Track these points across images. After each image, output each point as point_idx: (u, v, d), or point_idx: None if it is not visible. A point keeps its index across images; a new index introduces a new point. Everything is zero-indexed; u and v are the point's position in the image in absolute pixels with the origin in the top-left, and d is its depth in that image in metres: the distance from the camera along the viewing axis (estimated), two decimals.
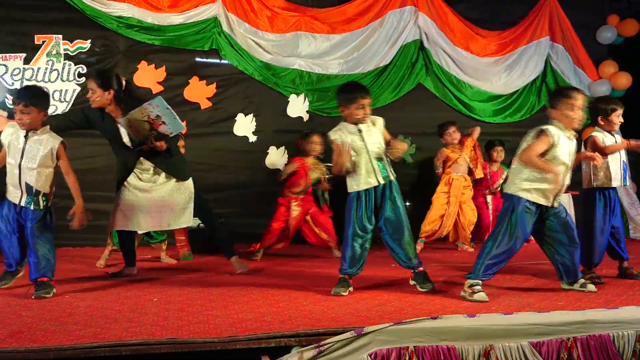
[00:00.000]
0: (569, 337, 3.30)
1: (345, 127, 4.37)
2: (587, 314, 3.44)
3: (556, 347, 3.28)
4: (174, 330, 3.23)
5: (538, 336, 3.27)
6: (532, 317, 3.38)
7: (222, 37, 7.50)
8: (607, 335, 3.33)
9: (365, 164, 4.28)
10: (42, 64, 7.20)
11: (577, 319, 3.37)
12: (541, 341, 3.27)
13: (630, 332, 3.36)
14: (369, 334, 3.11)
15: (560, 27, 8.33)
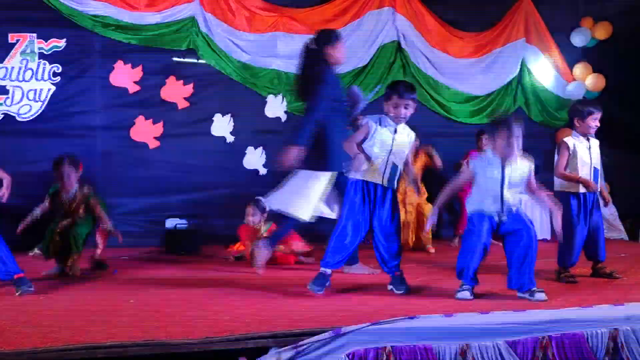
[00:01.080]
0: (544, 335, 3.33)
1: (385, 119, 4.33)
2: (561, 313, 3.48)
3: (531, 346, 3.31)
4: (150, 332, 3.21)
5: (514, 335, 3.30)
6: (508, 316, 3.41)
7: (199, 36, 7.47)
8: (581, 334, 3.37)
9: (381, 163, 4.25)
10: (16, 63, 7.12)
11: (552, 318, 3.41)
12: (517, 340, 3.30)
13: (603, 330, 3.40)
14: (346, 334, 3.12)
15: (535, 29, 8.42)
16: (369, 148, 4.23)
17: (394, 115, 4.29)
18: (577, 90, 8.31)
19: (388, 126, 4.29)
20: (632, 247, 6.96)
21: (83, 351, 2.96)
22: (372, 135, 4.25)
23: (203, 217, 7.31)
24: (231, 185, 7.57)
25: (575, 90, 8.32)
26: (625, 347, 3.41)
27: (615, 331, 3.41)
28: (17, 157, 7.06)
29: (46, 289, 4.52)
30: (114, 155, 7.35)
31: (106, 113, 7.35)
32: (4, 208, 4.82)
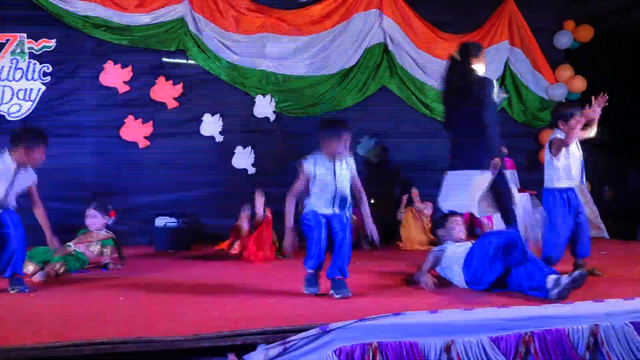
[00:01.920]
0: (527, 331, 3.35)
1: (320, 158, 4.30)
2: (543, 309, 3.49)
3: (514, 342, 3.33)
4: (140, 329, 3.19)
5: (497, 331, 3.32)
6: (492, 312, 3.43)
7: (188, 37, 7.46)
8: (563, 330, 3.39)
9: (329, 195, 4.26)
10: (6, 62, 7.08)
11: (534, 314, 3.43)
12: (500, 336, 3.32)
13: (584, 326, 3.43)
14: (333, 331, 3.12)
15: (519, 32, 8.46)
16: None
17: (341, 152, 4.25)
18: (559, 92, 8.36)
19: (326, 164, 4.28)
20: (612, 245, 7.01)
21: (71, 348, 2.94)
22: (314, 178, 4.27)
23: (192, 215, 7.29)
24: (220, 185, 7.56)
25: (558, 91, 8.36)
26: (605, 343, 3.44)
27: (596, 327, 3.44)
28: None
29: (36, 287, 4.50)
30: (104, 155, 7.32)
31: (96, 113, 7.31)
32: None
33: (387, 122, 8.07)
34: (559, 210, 4.79)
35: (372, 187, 7.73)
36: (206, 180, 7.54)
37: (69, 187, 7.15)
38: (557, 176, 4.81)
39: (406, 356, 3.17)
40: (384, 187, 7.80)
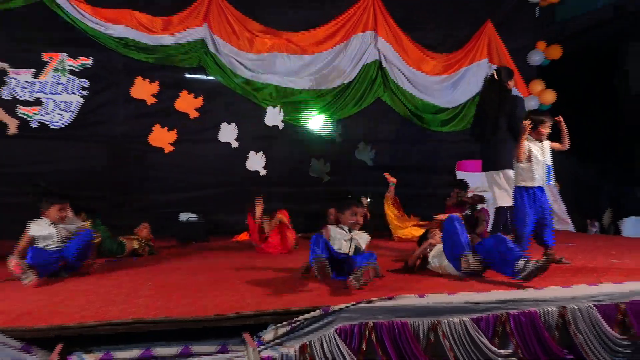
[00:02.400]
0: (503, 313, 3.36)
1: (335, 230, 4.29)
2: (518, 293, 3.50)
3: (492, 322, 3.33)
4: (165, 310, 3.20)
5: (477, 312, 3.33)
6: (473, 296, 3.43)
7: (208, 56, 7.47)
8: (535, 311, 3.40)
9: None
10: (50, 78, 7.09)
11: (509, 298, 3.43)
12: (480, 316, 3.32)
13: (553, 308, 3.44)
14: (334, 312, 3.13)
15: (496, 51, 8.46)
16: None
17: (354, 223, 4.27)
18: (532, 103, 8.36)
19: (342, 234, 4.26)
20: (578, 237, 7.01)
21: (107, 327, 2.96)
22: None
23: (211, 211, 7.31)
24: (235, 185, 7.57)
25: (531, 103, 8.36)
26: (572, 323, 3.44)
27: (564, 309, 3.44)
28: (51, 158, 7.06)
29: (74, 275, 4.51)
30: (134, 159, 7.34)
31: (127, 122, 7.33)
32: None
33: (382, 130, 8.07)
34: (524, 204, 4.85)
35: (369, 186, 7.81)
36: (223, 180, 7.55)
37: (104, 187, 7.18)
38: (522, 177, 4.88)
39: (398, 334, 3.17)
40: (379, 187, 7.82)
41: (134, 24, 7.18)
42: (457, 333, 3.25)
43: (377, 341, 3.14)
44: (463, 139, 8.39)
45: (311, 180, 7.79)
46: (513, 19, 8.59)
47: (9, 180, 6.89)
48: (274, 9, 7.72)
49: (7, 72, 6.99)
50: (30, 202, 6.04)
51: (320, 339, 3.08)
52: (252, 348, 2.94)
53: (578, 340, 3.42)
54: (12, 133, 6.99)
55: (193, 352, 2.97)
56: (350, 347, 3.11)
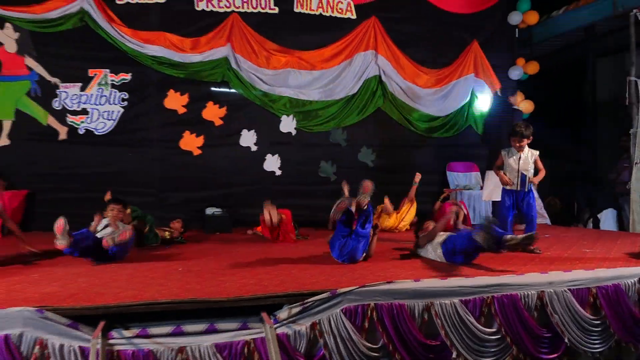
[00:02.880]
0: (489, 295, 3.34)
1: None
2: (501, 279, 3.48)
3: (479, 303, 3.31)
4: (194, 292, 3.20)
5: (466, 295, 3.31)
6: (461, 281, 3.41)
7: (230, 72, 7.45)
8: (516, 295, 3.37)
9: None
10: (94, 91, 7.11)
11: (494, 282, 3.41)
12: (468, 299, 3.30)
13: (532, 292, 3.41)
14: (341, 294, 3.12)
15: (482, 67, 8.39)
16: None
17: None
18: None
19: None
20: (553, 229, 6.94)
21: (143, 306, 2.96)
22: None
23: (233, 206, 7.30)
24: (254, 183, 7.56)
25: None
26: (549, 305, 3.41)
27: (542, 293, 3.42)
28: (96, 162, 7.08)
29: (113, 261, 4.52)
30: (167, 161, 7.34)
31: (161, 129, 7.33)
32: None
33: (382, 135, 8.04)
34: (502, 202, 5.11)
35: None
36: (244, 179, 7.53)
37: (141, 185, 7.20)
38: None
39: (396, 314, 3.16)
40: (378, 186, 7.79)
41: (166, 44, 7.18)
42: (448, 313, 3.23)
43: (378, 320, 3.13)
44: (452, 144, 8.34)
45: (320, 179, 7.76)
46: (496, 39, 8.51)
47: (59, 179, 6.91)
48: (288, 31, 7.69)
49: (59, 86, 7.00)
50: (76, 199, 6.05)
51: (328, 317, 3.07)
52: (269, 325, 2.94)
53: (554, 320, 3.40)
54: (62, 139, 7.02)
55: (218, 328, 2.97)
56: (354, 325, 3.10)
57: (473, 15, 8.40)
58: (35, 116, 6.94)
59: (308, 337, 3.03)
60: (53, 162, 6.93)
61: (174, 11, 7.27)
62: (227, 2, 7.45)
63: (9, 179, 6.61)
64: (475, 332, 3.25)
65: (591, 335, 3.45)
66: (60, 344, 2.78)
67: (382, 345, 3.12)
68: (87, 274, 3.86)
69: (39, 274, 3.88)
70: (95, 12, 6.93)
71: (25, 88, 6.92)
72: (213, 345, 2.90)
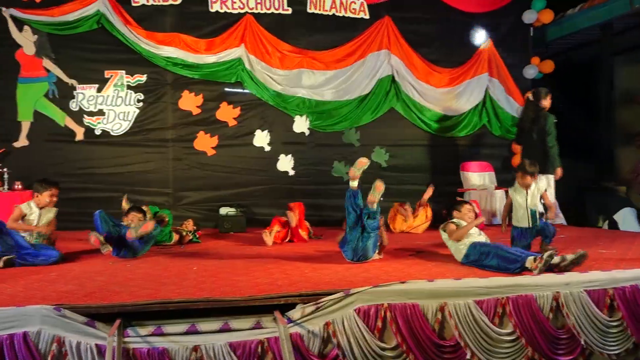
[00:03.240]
0: (503, 296, 3.30)
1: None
2: (516, 279, 3.44)
3: (493, 304, 3.28)
4: (208, 291, 3.22)
5: (480, 296, 3.27)
6: (476, 281, 3.38)
7: (244, 72, 7.48)
8: (532, 295, 3.33)
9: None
10: (110, 92, 7.18)
11: (509, 283, 3.37)
12: (482, 299, 3.27)
13: (548, 293, 3.37)
14: (354, 294, 3.11)
15: (496, 66, 8.32)
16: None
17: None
18: None
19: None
20: (569, 230, 6.85)
21: (159, 305, 2.98)
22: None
23: (247, 206, 7.33)
24: (268, 183, 7.57)
25: None
26: (565, 306, 3.37)
27: (557, 294, 3.37)
28: (112, 161, 7.16)
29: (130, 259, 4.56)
30: (182, 161, 7.39)
31: (175, 129, 7.38)
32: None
33: (395, 135, 8.00)
34: (515, 238, 4.73)
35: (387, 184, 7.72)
36: (257, 179, 7.56)
37: (156, 185, 7.26)
38: (516, 219, 4.75)
39: (409, 314, 3.14)
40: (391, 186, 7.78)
41: (181, 46, 7.22)
42: (461, 313, 3.20)
43: (392, 320, 3.11)
44: (466, 143, 8.28)
45: (333, 179, 7.76)
46: (510, 38, 8.43)
47: (77, 179, 6.99)
48: (302, 31, 7.70)
49: (76, 87, 7.09)
50: (93, 198, 6.12)
51: (341, 317, 3.06)
52: (283, 325, 2.94)
53: (570, 321, 3.35)
54: (79, 139, 7.10)
55: (232, 327, 2.97)
56: (367, 325, 3.09)
57: (487, 14, 8.33)
58: (53, 117, 7.03)
59: (321, 336, 3.02)
60: (70, 162, 7.02)
61: (189, 13, 7.32)
62: (240, 4, 7.48)
63: (28, 179, 6.70)
64: (489, 333, 3.22)
65: (608, 337, 3.40)
66: (77, 342, 2.81)
67: (395, 345, 3.10)
68: (104, 273, 3.90)
69: (56, 272, 3.93)
70: (111, 14, 7.01)
71: (43, 90, 7.01)
72: (227, 344, 2.91)
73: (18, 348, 2.77)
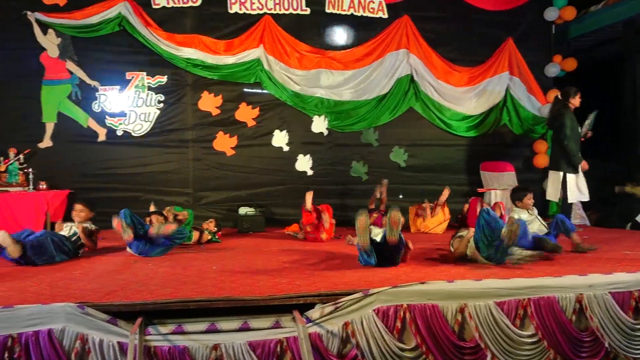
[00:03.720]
0: (525, 298, 3.25)
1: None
2: (538, 281, 3.39)
3: (515, 306, 3.24)
4: (228, 290, 3.24)
5: (501, 297, 3.24)
6: (497, 282, 3.34)
7: (263, 73, 7.51)
8: (554, 297, 3.28)
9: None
10: (132, 93, 7.28)
11: (530, 284, 3.33)
12: (503, 301, 3.23)
13: (571, 294, 3.31)
14: (373, 295, 3.10)
15: (517, 64, 8.20)
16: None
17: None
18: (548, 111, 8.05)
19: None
20: (592, 231, 6.72)
21: (179, 304, 3.01)
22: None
23: (266, 206, 7.36)
24: (287, 183, 7.60)
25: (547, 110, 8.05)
26: (589, 308, 3.31)
27: (581, 295, 3.31)
28: (134, 161, 7.26)
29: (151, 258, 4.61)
30: (201, 161, 7.45)
31: (195, 130, 7.45)
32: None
33: (414, 135, 7.96)
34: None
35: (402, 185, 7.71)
36: (276, 179, 7.58)
37: (176, 185, 7.33)
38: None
39: (429, 315, 3.12)
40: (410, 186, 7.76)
41: (200, 47, 7.28)
42: (482, 315, 3.17)
43: (411, 320, 3.09)
44: (486, 143, 8.18)
45: (352, 179, 7.74)
46: (532, 36, 8.30)
47: (99, 179, 7.10)
48: (320, 31, 7.70)
49: (98, 89, 7.21)
50: (114, 198, 6.21)
51: (360, 317, 3.05)
52: (302, 325, 2.94)
53: (594, 324, 3.29)
54: (102, 140, 7.22)
55: (251, 326, 2.99)
56: (387, 325, 3.07)
57: (508, 12, 8.21)
58: (76, 118, 7.16)
59: (340, 337, 3.02)
60: (93, 162, 7.13)
61: (208, 14, 7.38)
62: (259, 4, 7.51)
63: (52, 179, 6.84)
64: (510, 335, 3.18)
65: (633, 340, 3.32)
66: (100, 339, 2.85)
67: (415, 346, 3.09)
68: (125, 272, 3.95)
69: (80, 271, 4.00)
70: (132, 16, 7.10)
71: (67, 91, 7.14)
72: (246, 343, 2.92)
73: (43, 344, 2.82)
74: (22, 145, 6.85)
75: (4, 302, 2.96)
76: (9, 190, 6.54)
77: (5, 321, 2.81)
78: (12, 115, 7.00)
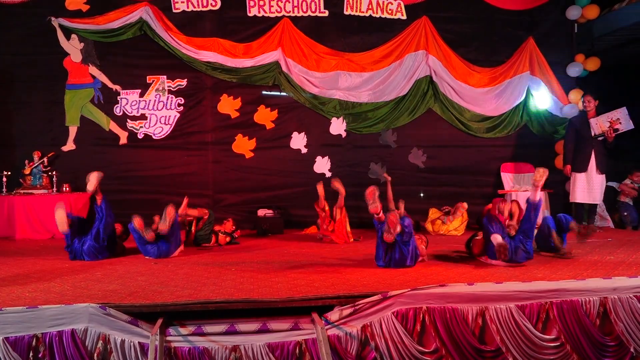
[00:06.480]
0: (547, 301, 3.21)
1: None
2: (560, 284, 3.33)
3: (536, 309, 3.19)
4: (247, 292, 3.25)
5: (522, 300, 3.19)
6: (518, 285, 3.29)
7: (281, 75, 7.54)
8: (577, 300, 3.23)
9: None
10: (152, 97, 7.37)
11: (553, 287, 3.28)
12: (525, 304, 3.19)
13: (595, 298, 3.25)
14: (392, 297, 3.08)
15: (538, 64, 8.07)
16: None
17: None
18: (571, 111, 7.92)
19: None
20: (616, 233, 6.58)
21: (199, 305, 3.03)
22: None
23: (285, 207, 7.38)
24: (305, 185, 7.59)
25: (570, 110, 7.93)
26: (613, 311, 3.24)
27: (605, 299, 3.25)
28: (154, 164, 7.36)
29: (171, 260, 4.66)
30: (221, 163, 7.51)
31: (215, 132, 7.51)
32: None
33: (433, 136, 7.90)
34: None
35: (420, 186, 7.67)
36: (295, 181, 7.60)
37: (196, 187, 7.40)
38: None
39: (449, 318, 3.09)
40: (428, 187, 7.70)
41: (219, 50, 7.35)
42: (503, 318, 3.13)
43: (430, 323, 3.07)
44: (507, 144, 8.07)
45: (370, 181, 7.70)
46: (553, 35, 8.16)
47: (121, 181, 7.21)
48: (338, 33, 7.69)
49: (120, 93, 7.33)
50: (135, 200, 6.28)
51: (379, 320, 3.04)
52: (321, 327, 2.94)
53: (619, 328, 3.22)
54: (123, 143, 7.34)
55: (270, 328, 3.00)
56: (405, 328, 3.06)
57: (528, 11, 8.09)
58: (98, 122, 7.29)
59: (359, 339, 3.01)
60: (114, 165, 7.24)
61: (227, 17, 7.43)
62: (278, 7, 7.54)
63: (75, 182, 6.97)
64: (532, 339, 3.13)
65: None
66: (122, 340, 2.89)
67: (434, 349, 3.06)
68: (146, 273, 4.00)
69: (101, 272, 4.06)
70: (153, 21, 7.20)
71: (89, 95, 7.28)
72: (266, 345, 2.94)
73: (66, 344, 2.88)
74: (46, 148, 7.03)
75: (30, 302, 3.03)
76: (33, 193, 6.69)
77: (31, 321, 2.87)
78: (37, 120, 7.18)
